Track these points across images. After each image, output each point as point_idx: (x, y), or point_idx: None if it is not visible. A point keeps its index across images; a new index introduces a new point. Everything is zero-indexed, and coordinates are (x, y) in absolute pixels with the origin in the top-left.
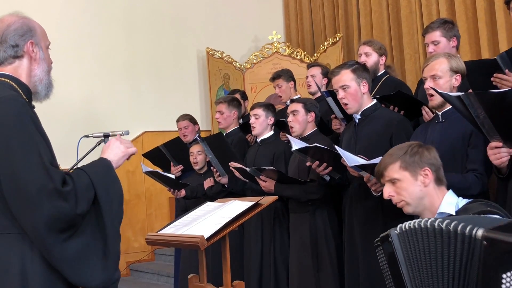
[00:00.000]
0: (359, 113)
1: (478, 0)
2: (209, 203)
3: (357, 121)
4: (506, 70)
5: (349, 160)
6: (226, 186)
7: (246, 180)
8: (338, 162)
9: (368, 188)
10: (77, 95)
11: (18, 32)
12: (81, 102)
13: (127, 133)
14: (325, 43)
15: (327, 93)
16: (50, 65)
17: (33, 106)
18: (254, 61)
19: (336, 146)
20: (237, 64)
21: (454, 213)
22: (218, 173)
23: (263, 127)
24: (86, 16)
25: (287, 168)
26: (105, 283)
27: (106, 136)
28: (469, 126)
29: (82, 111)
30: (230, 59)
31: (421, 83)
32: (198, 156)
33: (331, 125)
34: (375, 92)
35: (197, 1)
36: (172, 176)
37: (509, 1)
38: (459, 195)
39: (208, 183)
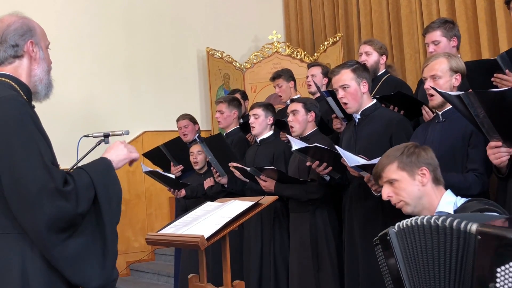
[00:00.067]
0: (359, 113)
1: (478, 0)
2: (209, 203)
3: (357, 121)
4: (507, 70)
5: (349, 160)
6: (225, 186)
7: (246, 180)
8: (338, 162)
9: (368, 188)
10: (77, 95)
11: (18, 32)
12: (81, 102)
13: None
14: (325, 43)
15: (327, 93)
16: (50, 65)
17: (33, 106)
18: (254, 61)
19: (336, 146)
20: (237, 64)
21: (452, 212)
22: (218, 174)
23: (262, 127)
24: (86, 16)
25: (287, 168)
26: (104, 283)
27: (106, 136)
28: (469, 126)
29: (82, 111)
30: (230, 59)
31: (421, 83)
32: (198, 156)
33: (332, 124)
34: (375, 91)
35: (197, 1)
36: (172, 176)
37: (509, 1)
38: (459, 195)
39: (208, 183)
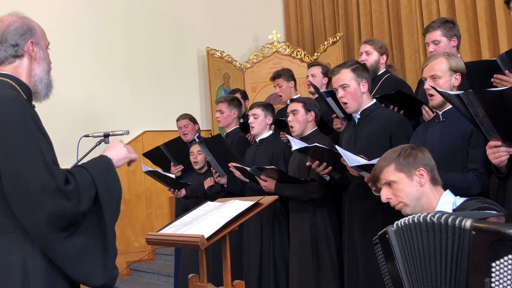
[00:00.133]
0: (359, 113)
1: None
2: (209, 202)
3: (356, 120)
4: (506, 71)
5: (349, 160)
6: (225, 186)
7: (247, 180)
8: (338, 161)
9: (367, 188)
10: (77, 94)
11: (18, 32)
12: (81, 101)
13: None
14: (325, 43)
15: (326, 93)
16: (50, 65)
17: (34, 106)
18: (254, 60)
19: (336, 146)
20: (237, 63)
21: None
22: (218, 174)
23: (262, 126)
24: (86, 16)
25: (286, 168)
26: (106, 280)
27: (106, 136)
28: (469, 125)
29: (82, 111)
30: (230, 58)
31: (421, 83)
32: (198, 155)
33: (332, 124)
34: (375, 91)
35: (197, 1)
36: (172, 176)
37: (509, 0)
38: (459, 195)
39: (208, 182)
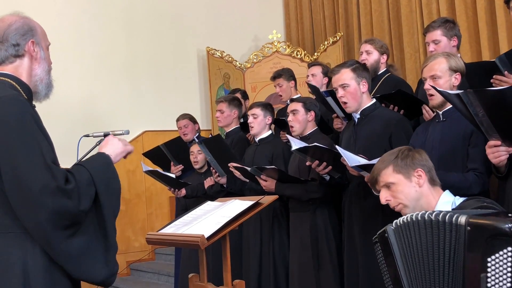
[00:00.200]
0: (359, 113)
1: None
2: (210, 202)
3: (356, 120)
4: (506, 72)
5: (350, 160)
6: (225, 186)
7: (246, 180)
8: (338, 161)
9: (367, 188)
10: (77, 94)
11: (19, 32)
12: (81, 101)
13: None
14: (326, 42)
15: (326, 93)
16: (50, 65)
17: (34, 106)
18: (254, 60)
19: (337, 146)
20: (237, 63)
21: None
22: (217, 174)
23: (261, 126)
24: (86, 16)
25: (286, 168)
26: (108, 277)
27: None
28: (469, 125)
29: (82, 111)
30: (230, 58)
31: (421, 82)
32: (199, 155)
33: (333, 124)
34: (375, 90)
35: (197, 1)
36: (173, 175)
37: (509, 0)
38: (459, 195)
39: (208, 182)
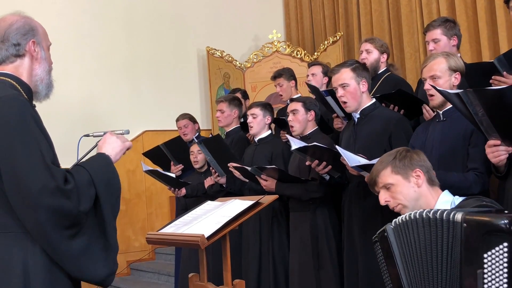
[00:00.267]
0: (358, 112)
1: None
2: (210, 202)
3: (356, 120)
4: (504, 72)
5: (350, 160)
6: (224, 186)
7: (246, 180)
8: (337, 161)
9: (367, 187)
10: (77, 94)
11: (20, 31)
12: (81, 101)
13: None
14: (326, 42)
15: (326, 93)
16: (51, 65)
17: (34, 105)
18: (254, 60)
19: (337, 146)
20: (237, 63)
21: None
22: (217, 173)
23: (260, 126)
24: (86, 16)
25: (286, 167)
26: (107, 277)
27: None
28: (470, 125)
29: (82, 111)
30: (230, 58)
31: (421, 82)
32: (199, 155)
33: (333, 124)
34: (375, 89)
35: (197, 1)
36: (173, 175)
37: (509, 0)
38: (460, 195)
39: (208, 181)
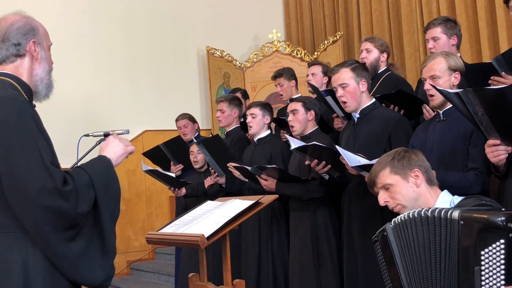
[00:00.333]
0: (358, 112)
1: None
2: (210, 202)
3: (356, 120)
4: (503, 73)
5: (350, 160)
6: (223, 186)
7: (246, 179)
8: (337, 160)
9: (366, 187)
10: (77, 94)
11: (20, 31)
12: (81, 101)
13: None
14: (326, 42)
15: (326, 92)
16: (51, 65)
17: (34, 105)
18: (254, 59)
19: (337, 147)
20: (237, 63)
21: None
22: (216, 174)
23: (260, 126)
24: (86, 16)
25: (285, 167)
26: (104, 281)
27: (106, 135)
28: (470, 124)
29: (82, 110)
30: (230, 58)
31: (420, 82)
32: (198, 155)
33: (333, 124)
34: (375, 89)
35: (197, 1)
36: (173, 175)
37: (508, 0)
38: (460, 194)
39: (208, 181)
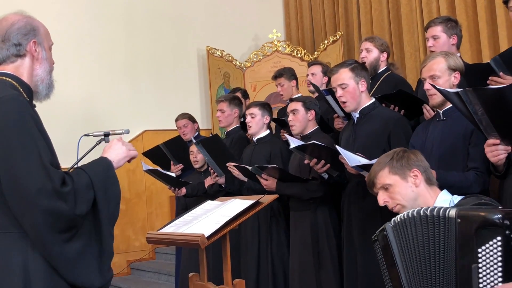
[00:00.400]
0: (358, 112)
1: None
2: (210, 201)
3: (355, 119)
4: (501, 73)
5: (350, 160)
6: (223, 186)
7: (245, 179)
8: (336, 159)
9: (366, 187)
10: (77, 94)
11: (21, 31)
12: (81, 101)
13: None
14: (325, 42)
15: (326, 92)
16: (52, 65)
17: (34, 105)
18: (254, 59)
19: (337, 147)
20: (237, 62)
21: None
22: (216, 174)
23: (259, 126)
24: (86, 16)
25: (284, 167)
26: (101, 284)
27: (107, 135)
28: (470, 124)
29: (82, 110)
30: (230, 57)
31: (420, 82)
32: (198, 154)
33: (333, 123)
34: (375, 89)
35: (197, 1)
36: (173, 174)
37: (508, 0)
38: (460, 194)
39: (208, 181)
